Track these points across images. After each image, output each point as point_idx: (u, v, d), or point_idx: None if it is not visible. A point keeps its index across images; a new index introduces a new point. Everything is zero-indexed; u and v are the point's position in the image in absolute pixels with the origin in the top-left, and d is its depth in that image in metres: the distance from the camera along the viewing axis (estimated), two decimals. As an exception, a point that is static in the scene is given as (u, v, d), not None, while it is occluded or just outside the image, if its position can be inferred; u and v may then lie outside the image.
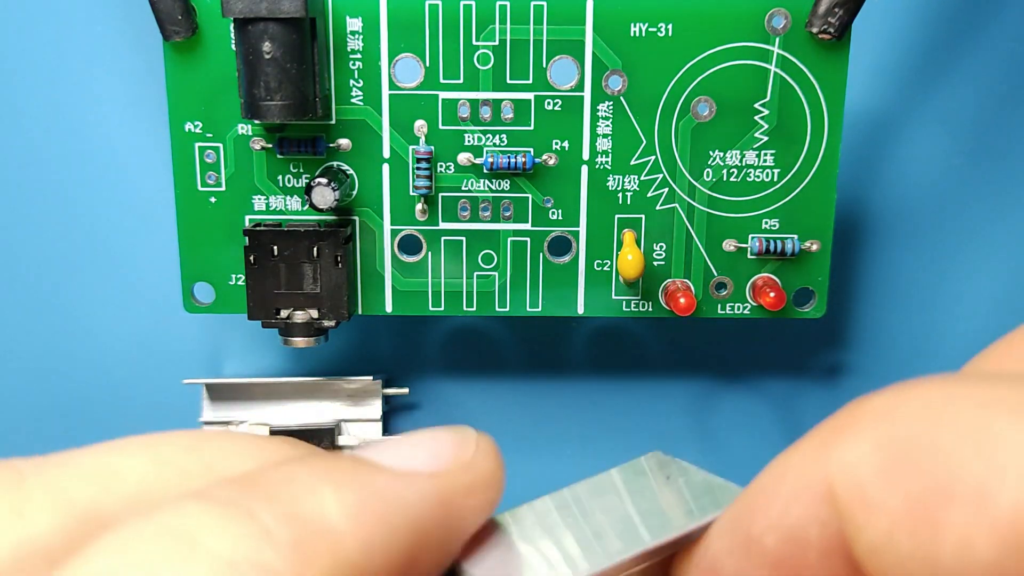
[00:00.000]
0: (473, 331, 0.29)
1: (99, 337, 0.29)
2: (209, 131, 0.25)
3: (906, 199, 0.29)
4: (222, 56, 0.24)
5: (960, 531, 0.10)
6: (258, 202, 0.25)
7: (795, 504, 0.12)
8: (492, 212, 0.25)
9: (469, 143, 0.25)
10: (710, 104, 0.24)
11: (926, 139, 0.29)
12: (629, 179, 0.25)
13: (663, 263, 0.26)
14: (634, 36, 0.24)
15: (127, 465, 0.13)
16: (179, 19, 0.23)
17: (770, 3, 0.24)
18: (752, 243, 0.25)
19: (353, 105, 0.24)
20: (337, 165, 0.25)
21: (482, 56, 0.24)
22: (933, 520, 0.10)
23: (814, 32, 0.24)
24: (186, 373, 0.29)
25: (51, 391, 0.30)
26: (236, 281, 0.25)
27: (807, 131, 0.25)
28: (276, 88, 0.22)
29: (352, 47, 0.24)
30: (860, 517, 0.11)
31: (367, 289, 0.26)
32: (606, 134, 0.25)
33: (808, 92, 0.24)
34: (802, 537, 0.12)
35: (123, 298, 0.29)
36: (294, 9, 0.22)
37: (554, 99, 0.24)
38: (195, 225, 0.25)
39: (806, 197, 0.25)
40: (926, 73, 0.28)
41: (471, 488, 0.13)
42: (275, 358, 0.30)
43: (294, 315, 0.25)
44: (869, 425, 0.11)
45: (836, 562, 0.11)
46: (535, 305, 0.26)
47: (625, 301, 0.26)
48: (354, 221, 0.25)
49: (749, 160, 0.25)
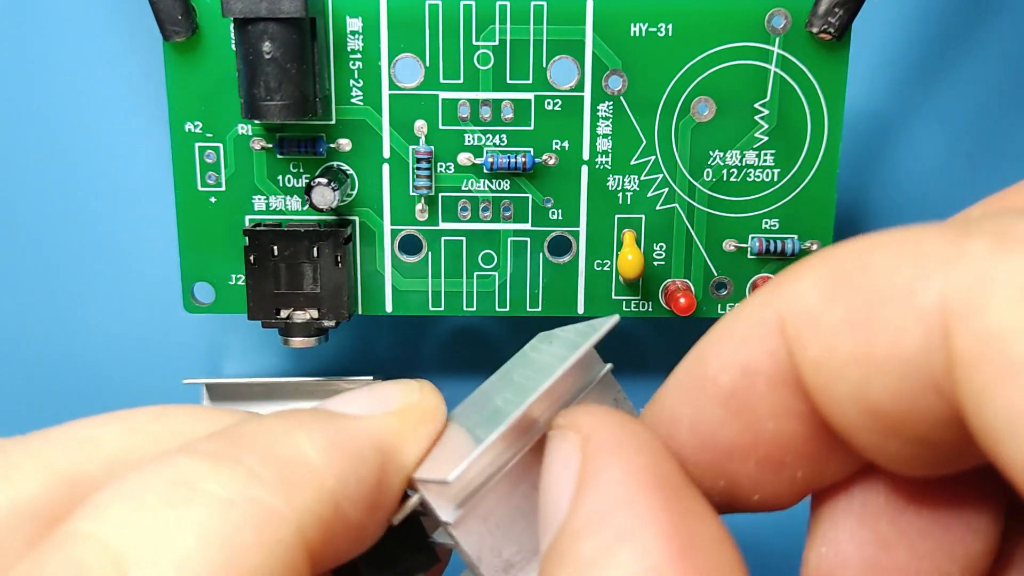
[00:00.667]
0: (473, 331, 0.29)
1: (99, 337, 0.29)
2: (209, 131, 0.25)
3: (906, 199, 0.29)
4: (222, 56, 0.24)
5: (891, 326, 0.11)
6: (258, 202, 0.25)
7: (747, 342, 0.13)
8: (492, 212, 0.25)
9: (469, 143, 0.25)
10: (710, 104, 0.24)
11: (926, 139, 0.29)
12: (629, 179, 0.25)
13: (663, 263, 0.26)
14: (634, 36, 0.24)
15: (102, 433, 0.14)
16: (179, 19, 0.23)
17: (770, 3, 0.24)
18: (752, 243, 0.25)
19: (353, 105, 0.24)
20: (337, 165, 0.25)
21: (482, 56, 0.24)
22: (868, 322, 0.11)
23: (814, 32, 0.24)
24: (186, 373, 0.29)
25: (51, 391, 0.30)
26: (236, 281, 0.25)
27: (807, 131, 0.25)
28: (276, 88, 0.22)
29: (352, 47, 0.24)
30: (806, 336, 0.12)
31: (367, 289, 0.26)
32: (606, 134, 0.25)
33: (808, 92, 0.24)
34: (753, 370, 0.13)
35: (123, 298, 0.29)
36: (294, 9, 0.22)
37: (554, 99, 0.24)
38: (195, 225, 0.25)
39: (806, 197, 0.25)
40: (926, 73, 0.28)
41: (420, 420, 0.15)
42: (275, 358, 0.30)
43: (294, 315, 0.25)
44: (813, 264, 0.12)
45: (782, 390, 0.12)
46: (535, 305, 0.26)
47: (625, 301, 0.26)
48: (354, 221, 0.25)
49: (749, 160, 0.25)
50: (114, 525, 0.11)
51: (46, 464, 0.13)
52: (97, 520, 0.12)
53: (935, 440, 0.11)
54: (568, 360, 0.14)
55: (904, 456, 0.12)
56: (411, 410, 0.15)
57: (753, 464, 0.13)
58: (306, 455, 0.13)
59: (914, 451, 0.11)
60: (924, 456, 0.12)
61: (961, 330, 0.10)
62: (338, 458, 0.13)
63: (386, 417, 0.15)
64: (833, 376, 0.12)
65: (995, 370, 0.10)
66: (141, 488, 0.12)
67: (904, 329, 0.11)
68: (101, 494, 0.12)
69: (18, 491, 0.13)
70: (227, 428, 0.14)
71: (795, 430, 0.13)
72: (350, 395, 0.15)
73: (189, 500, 0.12)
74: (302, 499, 0.13)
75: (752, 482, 0.13)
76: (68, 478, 0.13)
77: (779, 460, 0.13)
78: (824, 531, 0.13)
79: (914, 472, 0.12)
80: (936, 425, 0.11)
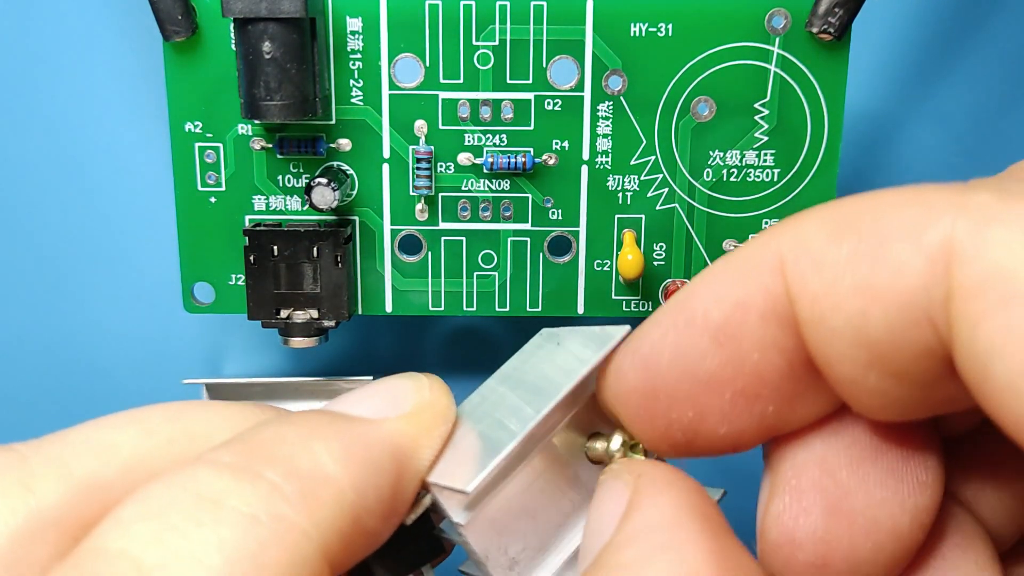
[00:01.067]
0: (473, 331, 0.30)
1: (99, 337, 0.29)
2: (209, 131, 0.25)
3: (906, 199, 0.29)
4: (222, 56, 0.24)
5: (895, 261, 0.11)
6: (258, 202, 0.25)
7: (743, 278, 0.13)
8: (492, 212, 0.25)
9: (469, 143, 0.25)
10: (710, 104, 0.24)
11: (926, 139, 0.29)
12: (629, 179, 0.25)
13: (663, 263, 0.26)
14: (634, 36, 0.24)
15: (118, 437, 0.14)
16: (179, 19, 0.23)
17: (770, 3, 0.24)
18: (752, 243, 0.25)
19: (353, 105, 0.24)
20: (337, 165, 0.25)
21: (482, 56, 0.24)
22: (872, 257, 0.12)
23: (814, 32, 0.24)
24: (186, 373, 0.29)
25: (51, 391, 0.30)
26: (236, 281, 0.25)
27: (807, 131, 0.25)
28: (276, 88, 0.22)
29: (352, 47, 0.24)
30: (807, 271, 0.12)
31: (367, 289, 0.26)
32: (606, 134, 0.25)
33: (808, 92, 0.24)
34: (746, 304, 0.13)
35: (123, 298, 0.29)
36: (294, 9, 0.22)
37: (554, 99, 0.24)
38: (195, 225, 0.25)
39: (806, 197, 0.25)
40: (926, 73, 0.28)
41: (432, 422, 0.15)
42: (275, 358, 0.30)
43: (294, 315, 0.25)
44: (818, 209, 0.13)
45: (772, 324, 0.13)
46: (535, 305, 0.26)
47: (625, 301, 0.26)
48: (354, 221, 0.25)
49: (749, 160, 0.25)
50: (144, 543, 0.12)
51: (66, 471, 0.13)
52: (126, 536, 0.12)
53: (916, 374, 0.12)
54: (581, 372, 0.15)
55: (880, 391, 0.12)
56: (424, 412, 0.15)
57: (728, 395, 0.14)
58: (325, 467, 0.13)
59: (892, 386, 0.12)
60: (899, 393, 0.12)
61: (964, 264, 0.11)
62: (356, 468, 0.13)
63: (400, 421, 0.15)
64: (831, 307, 0.12)
65: (993, 298, 0.10)
66: (167, 504, 0.12)
67: (907, 263, 0.11)
68: (126, 508, 0.12)
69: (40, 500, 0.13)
70: (245, 435, 0.14)
71: (777, 364, 0.13)
72: (361, 394, 0.15)
73: (215, 518, 0.12)
74: (323, 514, 0.13)
75: (723, 414, 0.14)
76: (87, 484, 0.13)
77: (755, 392, 0.13)
78: (785, 479, 0.14)
79: (882, 412, 0.13)
80: (922, 357, 0.12)
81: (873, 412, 0.13)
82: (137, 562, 0.11)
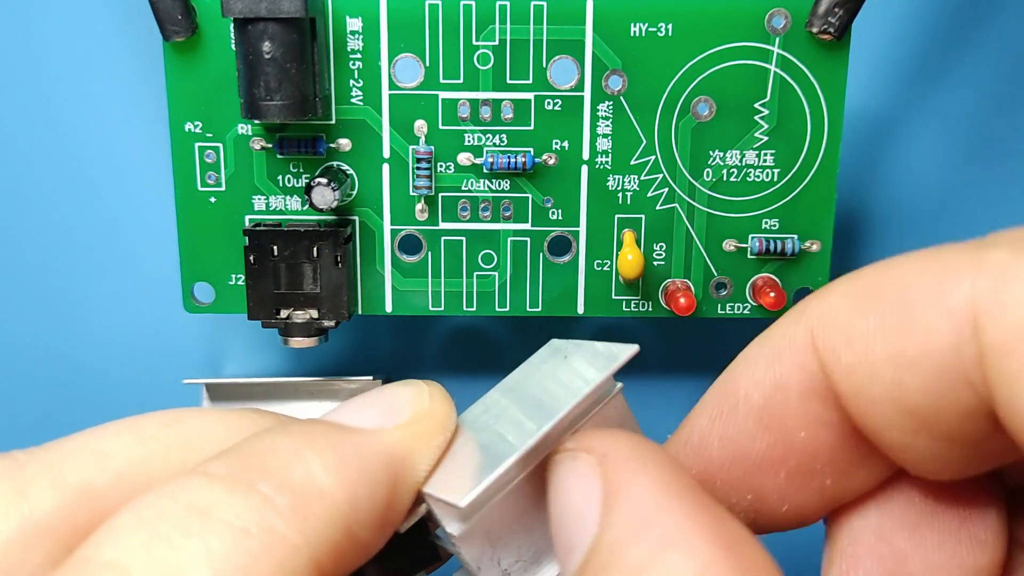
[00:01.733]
0: (473, 331, 0.29)
1: (99, 337, 0.29)
2: (209, 131, 0.25)
3: (906, 199, 0.29)
4: (222, 56, 0.24)
5: (922, 327, 0.12)
6: (258, 202, 0.25)
7: (778, 359, 0.13)
8: (492, 212, 0.25)
9: (469, 143, 0.25)
10: (710, 104, 0.24)
11: (926, 139, 0.29)
12: (629, 179, 0.25)
13: (663, 263, 0.26)
14: (634, 36, 0.24)
15: (114, 444, 0.14)
16: (179, 19, 0.23)
17: (770, 3, 0.24)
18: (752, 243, 0.25)
19: (353, 105, 0.24)
20: (337, 165, 0.25)
21: (482, 56, 0.24)
22: (899, 326, 0.12)
23: (814, 32, 0.24)
24: (186, 373, 0.29)
25: (51, 391, 0.30)
26: (236, 281, 0.25)
27: (807, 131, 0.25)
28: (276, 88, 0.22)
29: (352, 47, 0.24)
30: (839, 345, 0.13)
31: (367, 289, 0.26)
32: (606, 134, 0.25)
33: (808, 92, 0.24)
34: (785, 385, 0.13)
35: (123, 298, 0.29)
36: (294, 9, 0.22)
37: (554, 99, 0.24)
38: (195, 225, 0.25)
39: (806, 197, 0.25)
40: (926, 73, 0.28)
41: (431, 432, 0.15)
42: (275, 358, 0.30)
43: (294, 315, 0.25)
44: (840, 283, 0.13)
45: (813, 401, 0.13)
46: (535, 305, 0.26)
47: (625, 301, 0.26)
48: (354, 221, 0.25)
49: (749, 160, 0.25)
50: (134, 553, 0.12)
51: (61, 478, 0.13)
52: (117, 547, 0.12)
53: (964, 434, 0.12)
54: (584, 391, 0.14)
55: (932, 454, 0.12)
56: (422, 421, 0.15)
57: (783, 475, 0.14)
58: (319, 480, 0.13)
59: (942, 448, 0.12)
60: (951, 454, 0.12)
61: (990, 323, 0.11)
62: (350, 481, 0.13)
63: (397, 431, 0.14)
64: (867, 379, 0.12)
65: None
66: (159, 515, 0.12)
67: (935, 328, 0.12)
68: (119, 518, 0.12)
69: (35, 507, 0.13)
70: (239, 446, 0.14)
71: (825, 438, 0.13)
72: (360, 403, 0.15)
73: (206, 529, 0.12)
74: (315, 527, 0.13)
75: (781, 493, 0.14)
76: (82, 492, 0.13)
77: (809, 468, 0.14)
78: (843, 548, 0.14)
79: (939, 473, 0.13)
80: (966, 417, 0.12)
81: (930, 473, 0.13)
82: (126, 572, 0.11)
